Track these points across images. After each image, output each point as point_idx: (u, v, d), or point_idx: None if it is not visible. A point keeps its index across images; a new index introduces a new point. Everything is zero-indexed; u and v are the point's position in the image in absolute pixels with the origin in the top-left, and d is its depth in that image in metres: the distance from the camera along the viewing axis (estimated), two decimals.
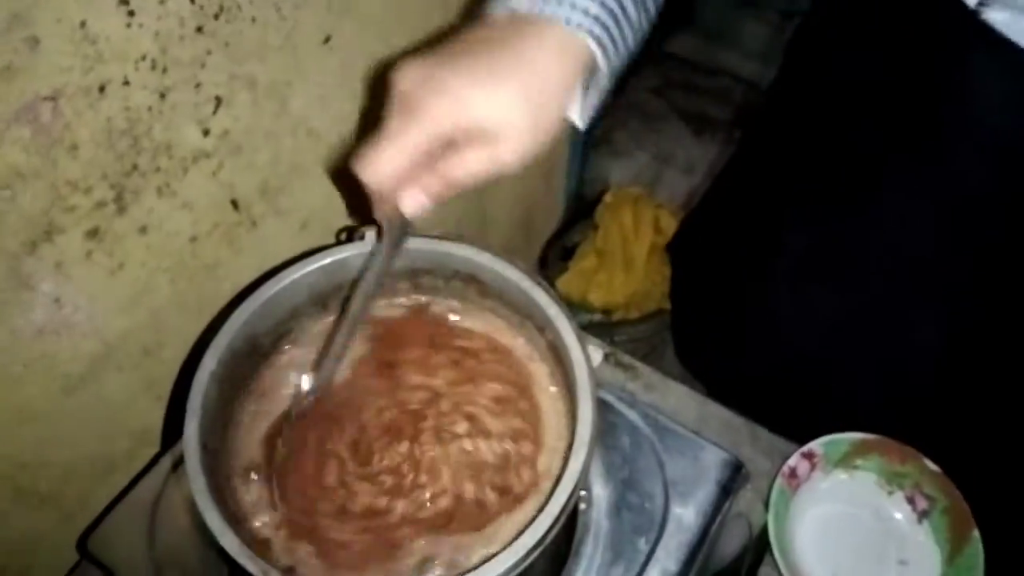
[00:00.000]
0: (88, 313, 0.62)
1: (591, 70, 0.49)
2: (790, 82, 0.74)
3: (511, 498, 0.54)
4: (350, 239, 0.59)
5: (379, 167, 0.46)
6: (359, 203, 0.88)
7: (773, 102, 0.78)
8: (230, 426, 0.55)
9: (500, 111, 0.45)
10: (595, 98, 0.52)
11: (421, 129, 0.45)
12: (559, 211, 1.66)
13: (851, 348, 0.77)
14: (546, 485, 0.53)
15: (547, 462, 0.54)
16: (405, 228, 0.52)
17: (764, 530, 0.70)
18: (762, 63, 2.03)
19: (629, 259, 1.43)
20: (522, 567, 0.43)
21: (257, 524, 0.52)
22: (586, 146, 1.63)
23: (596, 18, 0.47)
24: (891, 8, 0.60)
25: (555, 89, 0.46)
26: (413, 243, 0.57)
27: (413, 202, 0.48)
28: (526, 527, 0.44)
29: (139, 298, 0.66)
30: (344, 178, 0.84)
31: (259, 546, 0.50)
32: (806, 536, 0.72)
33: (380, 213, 0.50)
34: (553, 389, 0.57)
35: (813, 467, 0.72)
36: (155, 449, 0.75)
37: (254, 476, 0.54)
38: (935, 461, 0.71)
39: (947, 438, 0.71)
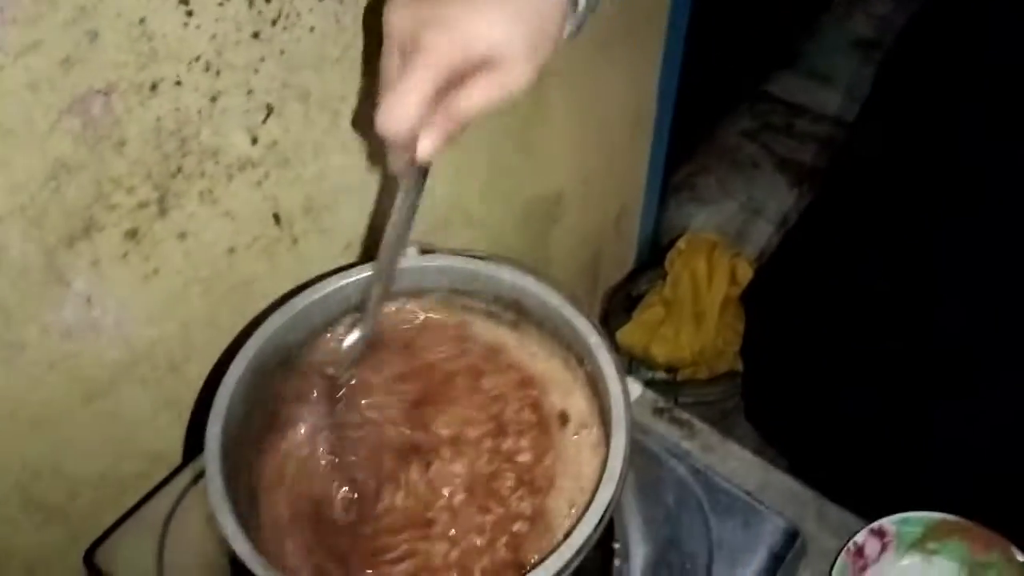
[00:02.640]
0: (117, 317, 0.69)
1: None
2: (872, 123, 0.78)
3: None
4: None
5: (397, 117, 0.51)
6: None
7: (854, 142, 0.82)
8: (253, 440, 0.60)
9: (502, 36, 0.50)
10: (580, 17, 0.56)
11: (428, 69, 0.50)
12: (630, 260, 1.71)
13: (943, 415, 0.78)
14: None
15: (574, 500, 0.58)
16: (424, 172, 0.56)
17: None
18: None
19: (700, 312, 1.45)
20: None
21: (273, 540, 0.57)
22: (664, 191, 1.67)
23: None
24: (968, 36, 0.65)
25: (549, 9, 0.52)
26: (451, 262, 0.62)
27: (428, 146, 0.52)
28: (548, 555, 0.47)
29: (170, 308, 0.73)
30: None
31: (272, 559, 0.54)
32: None
33: (397, 163, 0.55)
34: (590, 426, 0.61)
35: (884, 548, 0.73)
36: (167, 473, 0.81)
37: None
38: None
39: None
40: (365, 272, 0.64)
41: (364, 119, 0.80)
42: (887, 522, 0.73)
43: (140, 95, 0.60)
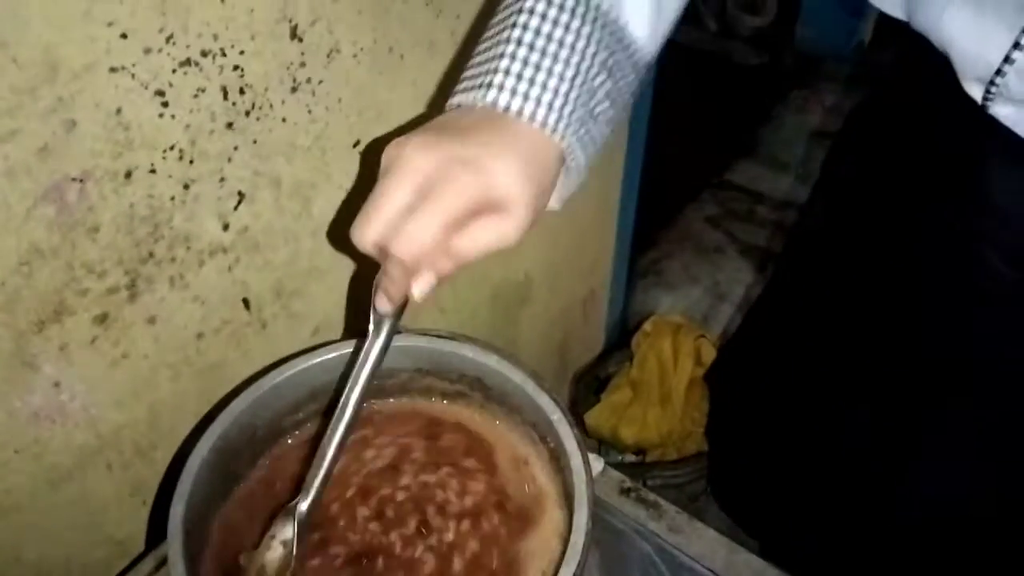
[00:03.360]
0: (85, 402, 0.69)
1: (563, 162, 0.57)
2: (820, 203, 0.82)
3: None
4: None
5: (413, 242, 0.51)
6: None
7: (803, 222, 0.86)
8: (217, 521, 0.60)
9: (515, 184, 0.52)
10: (572, 184, 0.59)
11: (451, 204, 0.51)
12: (599, 343, 1.73)
13: (913, 492, 0.80)
14: None
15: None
16: (401, 312, 0.57)
17: None
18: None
19: (666, 393, 1.47)
20: None
21: None
22: (631, 276, 1.70)
23: (568, 119, 0.54)
24: (910, 117, 0.69)
25: (548, 168, 0.54)
26: (415, 341, 0.63)
27: (424, 285, 0.54)
28: None
29: (138, 392, 0.73)
30: (362, 285, 0.91)
31: None
32: None
33: (386, 301, 0.55)
34: (555, 501, 0.62)
35: None
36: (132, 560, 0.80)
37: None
38: None
39: None
40: (332, 352, 0.65)
41: (332, 207, 0.82)
42: None
43: (115, 182, 0.61)
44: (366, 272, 0.90)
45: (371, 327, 0.57)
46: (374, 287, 0.56)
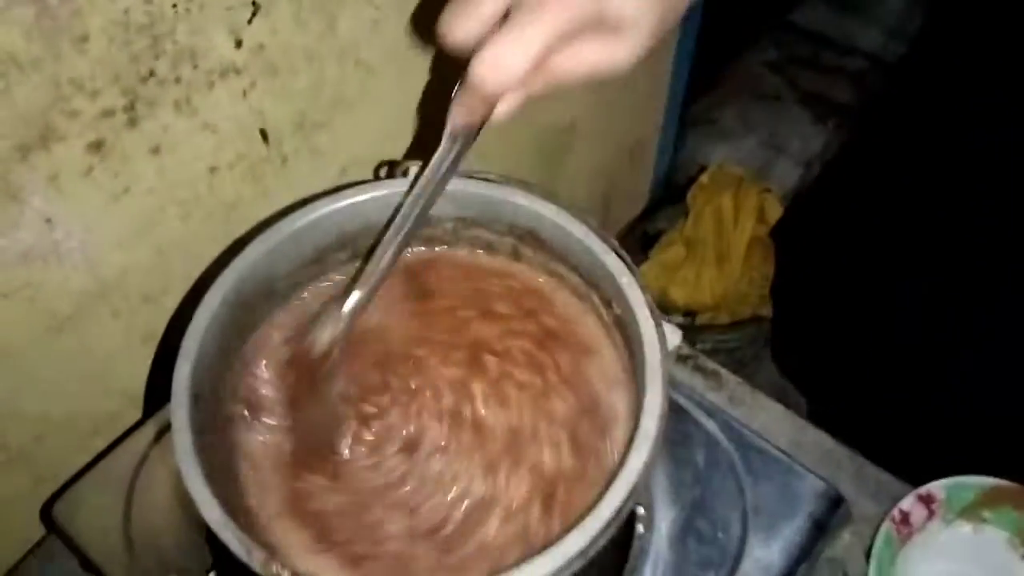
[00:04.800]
0: (82, 241, 0.63)
1: None
2: (920, 64, 0.75)
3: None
4: (391, 175, 0.58)
5: (501, 72, 0.44)
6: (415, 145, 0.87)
7: (902, 82, 0.79)
8: (227, 382, 0.54)
9: (637, 2, 0.45)
10: None
11: (560, 15, 0.44)
12: (644, 196, 1.66)
13: (993, 369, 0.75)
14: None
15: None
16: (479, 131, 0.51)
17: None
18: (905, 43, 1.98)
19: (724, 252, 1.40)
20: None
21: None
22: (683, 123, 1.61)
23: None
24: None
25: None
26: (459, 186, 0.55)
27: (509, 104, 0.48)
28: (571, 529, 0.42)
29: (144, 232, 0.67)
30: (396, 119, 0.83)
31: (244, 518, 0.49)
32: None
33: (464, 117, 0.49)
34: (618, 375, 0.55)
35: (931, 514, 0.68)
36: (142, 415, 0.76)
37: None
38: None
39: None
40: (359, 196, 0.57)
41: (361, 26, 0.73)
42: (936, 487, 0.68)
43: None
44: (404, 104, 0.83)
45: (443, 140, 0.51)
46: (453, 94, 0.49)
